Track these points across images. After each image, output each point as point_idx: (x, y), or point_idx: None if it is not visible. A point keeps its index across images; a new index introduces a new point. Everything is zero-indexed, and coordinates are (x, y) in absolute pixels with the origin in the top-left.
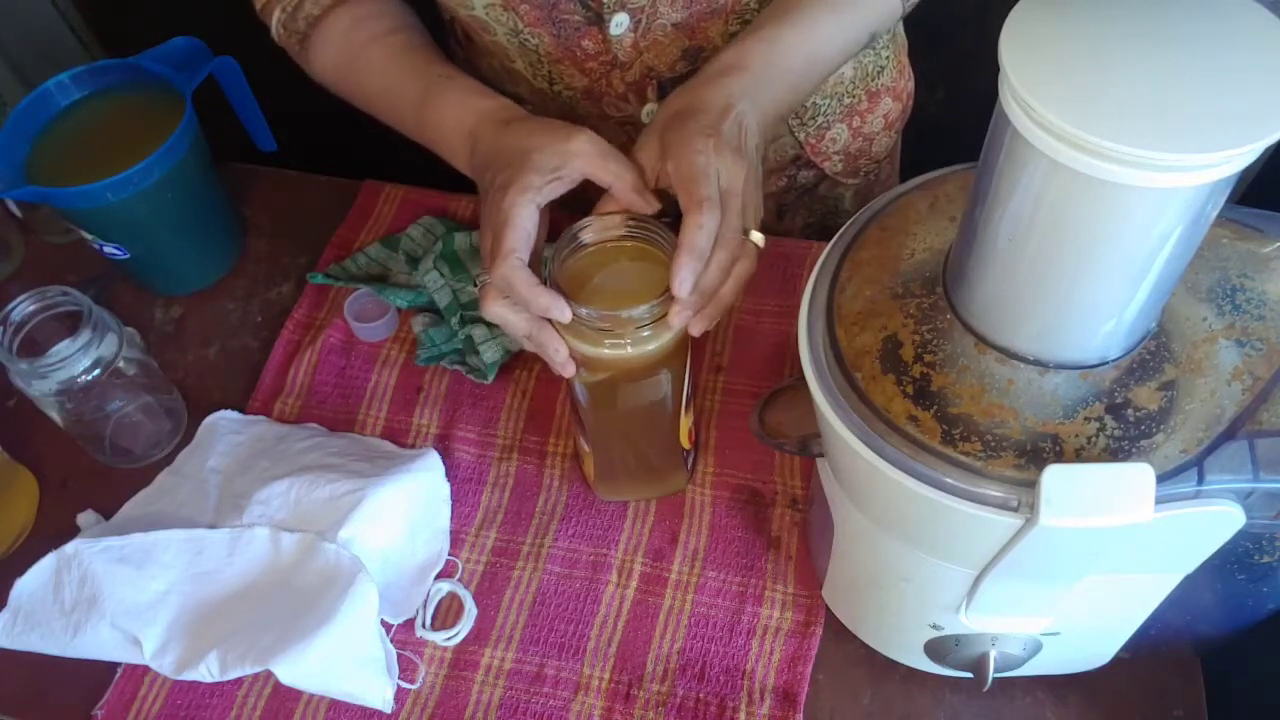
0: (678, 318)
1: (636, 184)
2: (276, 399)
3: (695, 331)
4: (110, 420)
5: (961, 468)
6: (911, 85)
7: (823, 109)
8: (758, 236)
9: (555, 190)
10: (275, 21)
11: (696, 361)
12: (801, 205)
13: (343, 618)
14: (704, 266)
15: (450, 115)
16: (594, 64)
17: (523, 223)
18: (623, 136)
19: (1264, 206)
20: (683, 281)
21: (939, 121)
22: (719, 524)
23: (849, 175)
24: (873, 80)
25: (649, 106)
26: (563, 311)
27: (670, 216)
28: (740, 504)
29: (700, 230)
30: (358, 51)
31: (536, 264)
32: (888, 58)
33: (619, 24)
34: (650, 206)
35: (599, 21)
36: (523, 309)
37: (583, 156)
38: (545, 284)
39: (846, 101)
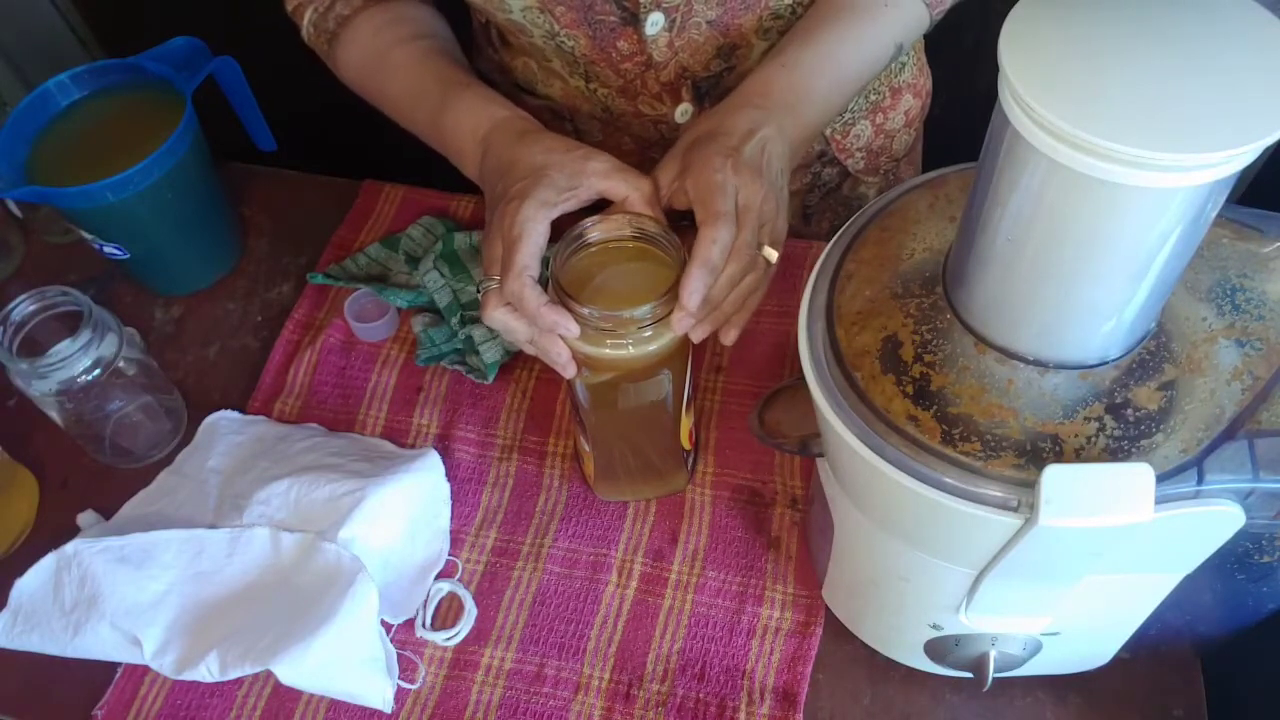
0: (680, 324)
1: (650, 197)
2: (276, 399)
3: (695, 338)
4: (110, 420)
5: (961, 468)
6: (930, 84)
7: (850, 106)
8: (771, 253)
9: (568, 207)
10: (307, 21)
11: (697, 362)
12: (827, 208)
13: (343, 618)
14: (715, 278)
15: (466, 121)
16: (629, 65)
17: (536, 238)
18: (655, 135)
19: (1264, 206)
20: (693, 293)
21: (940, 121)
22: (719, 524)
23: (869, 173)
24: (896, 76)
25: (683, 107)
26: (570, 328)
27: (686, 220)
28: (740, 504)
29: (714, 245)
30: (383, 54)
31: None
32: (909, 54)
33: (654, 23)
34: (660, 219)
35: (634, 21)
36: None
37: (598, 174)
38: (547, 282)
39: (872, 99)
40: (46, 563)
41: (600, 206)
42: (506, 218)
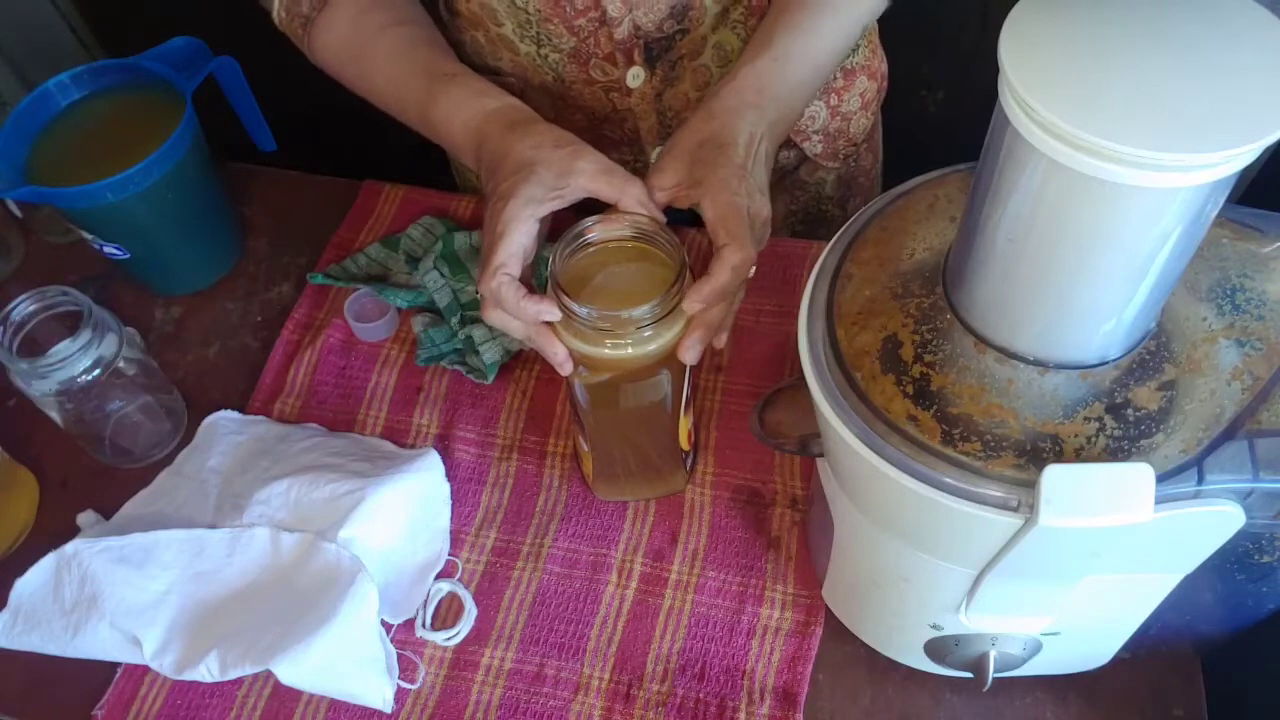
0: (689, 353)
1: (641, 198)
2: (276, 399)
3: (693, 360)
4: (110, 420)
5: (961, 468)
6: (885, 67)
7: None
8: (751, 270)
9: (555, 205)
10: (278, 4)
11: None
12: (783, 190)
13: (343, 618)
14: (720, 299)
15: (457, 115)
16: (583, 20)
17: (518, 238)
18: (607, 106)
19: (1264, 206)
20: (696, 301)
21: (939, 121)
22: (719, 524)
23: (828, 158)
24: (849, 59)
25: (634, 70)
26: (551, 313)
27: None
28: (740, 504)
29: (732, 270)
30: (365, 41)
31: (531, 268)
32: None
33: None
34: (659, 218)
35: None
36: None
37: (585, 175)
38: (546, 282)
39: None
40: (46, 563)
41: (593, 204)
42: (494, 217)
